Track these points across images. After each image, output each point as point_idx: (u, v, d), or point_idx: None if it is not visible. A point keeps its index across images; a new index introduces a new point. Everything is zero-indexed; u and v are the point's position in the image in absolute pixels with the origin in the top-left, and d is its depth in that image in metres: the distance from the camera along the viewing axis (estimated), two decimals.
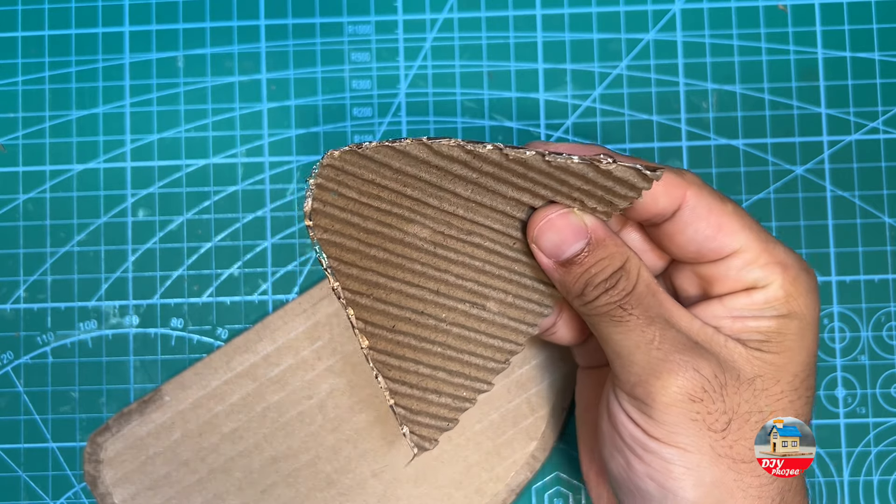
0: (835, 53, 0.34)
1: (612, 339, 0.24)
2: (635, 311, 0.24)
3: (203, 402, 0.32)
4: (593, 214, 0.24)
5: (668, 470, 0.23)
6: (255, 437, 0.32)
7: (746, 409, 0.23)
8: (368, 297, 0.24)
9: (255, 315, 0.33)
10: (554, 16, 0.34)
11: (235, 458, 0.32)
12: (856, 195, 0.33)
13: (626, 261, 0.24)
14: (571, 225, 0.24)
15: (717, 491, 0.23)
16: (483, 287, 0.25)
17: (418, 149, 0.23)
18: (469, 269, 0.24)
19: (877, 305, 0.33)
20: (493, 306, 0.25)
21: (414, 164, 0.23)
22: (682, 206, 0.24)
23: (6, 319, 0.34)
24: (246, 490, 0.31)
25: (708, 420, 0.23)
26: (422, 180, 0.23)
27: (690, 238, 0.24)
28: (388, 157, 0.23)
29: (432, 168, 0.23)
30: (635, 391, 0.24)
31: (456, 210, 0.24)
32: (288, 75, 0.34)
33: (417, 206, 0.24)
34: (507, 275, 0.25)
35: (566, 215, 0.24)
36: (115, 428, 0.32)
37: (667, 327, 0.24)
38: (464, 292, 0.25)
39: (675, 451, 0.23)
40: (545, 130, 0.34)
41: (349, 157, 0.23)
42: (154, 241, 0.34)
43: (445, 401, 0.25)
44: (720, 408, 0.23)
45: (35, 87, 0.34)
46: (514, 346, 0.25)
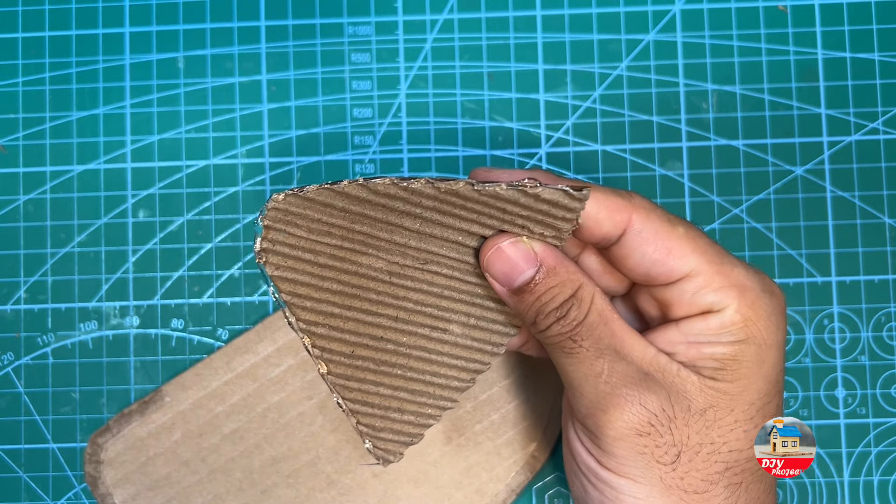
0: (835, 54, 0.34)
1: (563, 369, 0.24)
2: (585, 342, 0.23)
3: (203, 403, 0.32)
4: (543, 241, 0.24)
5: (619, 499, 0.24)
6: (256, 438, 0.32)
7: (697, 441, 0.23)
8: (324, 327, 0.24)
9: (256, 316, 0.33)
10: (554, 16, 0.34)
11: (236, 458, 0.32)
12: (856, 196, 0.33)
13: (577, 288, 0.24)
14: (521, 253, 0.23)
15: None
16: (444, 311, 0.25)
17: (357, 189, 0.23)
18: (428, 296, 0.25)
19: (877, 306, 0.33)
20: (457, 329, 0.25)
21: (357, 202, 0.23)
22: (627, 229, 0.24)
23: (7, 320, 0.34)
24: (246, 490, 0.31)
25: (656, 453, 0.23)
26: (368, 216, 0.24)
27: (638, 262, 0.24)
28: (330, 199, 0.23)
29: (376, 205, 0.23)
30: (586, 422, 0.24)
31: (408, 241, 0.24)
32: (288, 76, 0.34)
33: (369, 239, 0.24)
34: (469, 298, 0.25)
35: (515, 243, 0.23)
36: (115, 429, 0.32)
37: (616, 359, 0.23)
38: (424, 317, 0.25)
39: (626, 482, 0.23)
40: (545, 131, 0.34)
41: (293, 200, 0.23)
42: (154, 241, 0.34)
43: (408, 418, 0.25)
44: (668, 441, 0.23)
45: (35, 88, 0.34)
46: (479, 366, 0.26)
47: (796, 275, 0.33)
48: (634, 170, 0.34)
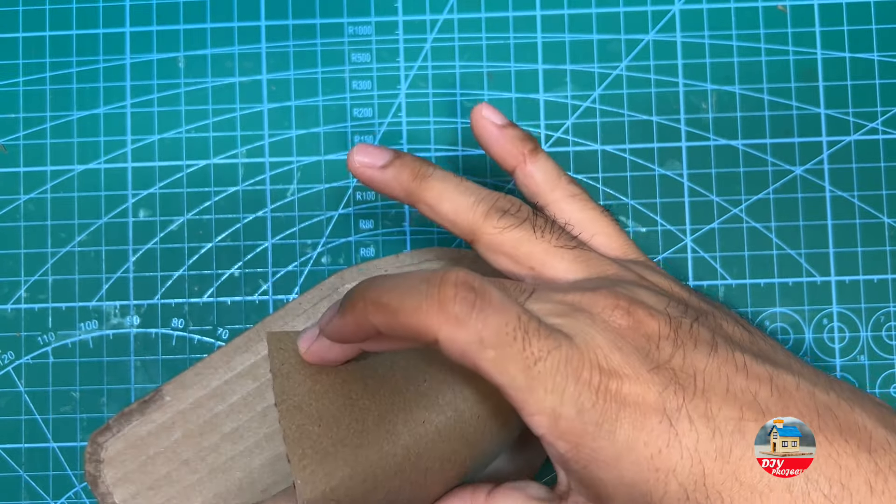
0: (834, 54, 0.34)
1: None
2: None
3: (204, 402, 0.32)
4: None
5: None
6: (256, 437, 0.32)
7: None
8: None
9: (256, 315, 0.33)
10: (554, 16, 0.34)
11: (236, 457, 0.32)
12: (855, 195, 0.33)
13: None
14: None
15: None
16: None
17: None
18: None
19: (876, 305, 0.33)
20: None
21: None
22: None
23: (7, 319, 0.34)
24: (246, 490, 0.31)
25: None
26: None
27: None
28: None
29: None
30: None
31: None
32: (288, 76, 0.34)
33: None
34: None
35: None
36: (115, 428, 0.32)
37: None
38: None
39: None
40: (545, 131, 0.34)
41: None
42: (155, 241, 0.34)
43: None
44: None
45: (36, 87, 0.34)
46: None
47: (795, 274, 0.33)
48: (634, 169, 0.34)
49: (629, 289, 0.25)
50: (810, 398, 0.23)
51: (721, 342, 0.24)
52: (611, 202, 0.34)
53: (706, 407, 0.22)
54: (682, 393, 0.22)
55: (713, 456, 0.21)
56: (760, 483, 0.21)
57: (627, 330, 0.23)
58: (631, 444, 0.21)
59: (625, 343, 0.22)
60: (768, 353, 0.25)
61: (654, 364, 0.22)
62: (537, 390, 0.21)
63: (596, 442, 0.21)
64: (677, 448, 0.21)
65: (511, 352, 0.21)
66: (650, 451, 0.21)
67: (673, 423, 0.21)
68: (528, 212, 0.27)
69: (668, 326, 0.23)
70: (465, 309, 0.21)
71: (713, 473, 0.21)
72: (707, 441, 0.21)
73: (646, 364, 0.22)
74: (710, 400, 0.22)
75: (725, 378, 0.22)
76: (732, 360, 0.23)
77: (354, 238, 0.34)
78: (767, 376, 0.23)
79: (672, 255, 0.33)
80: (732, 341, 0.24)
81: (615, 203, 0.34)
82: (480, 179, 0.34)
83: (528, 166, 0.29)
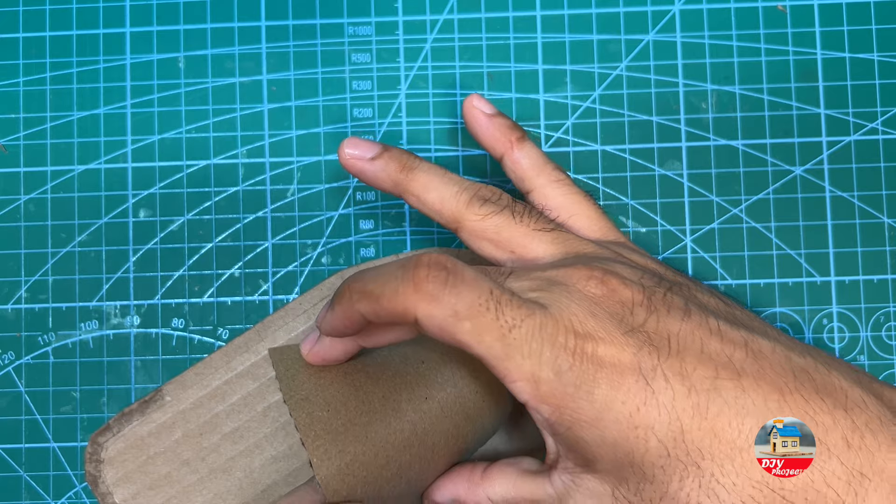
0: (834, 54, 0.34)
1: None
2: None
3: (204, 402, 0.32)
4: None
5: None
6: (256, 437, 0.32)
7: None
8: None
9: (256, 315, 0.33)
10: (554, 17, 0.34)
11: (236, 457, 0.32)
12: (855, 195, 0.33)
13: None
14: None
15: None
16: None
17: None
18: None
19: (876, 305, 0.33)
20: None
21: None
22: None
23: (8, 320, 0.34)
24: (247, 490, 0.31)
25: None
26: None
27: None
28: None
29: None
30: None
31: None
32: (288, 76, 0.34)
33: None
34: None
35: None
36: (115, 428, 0.32)
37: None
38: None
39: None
40: (545, 131, 0.34)
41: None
42: (155, 241, 0.34)
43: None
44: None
45: (36, 87, 0.35)
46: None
47: (795, 274, 0.33)
48: (634, 170, 0.34)
49: (605, 263, 0.26)
50: (786, 361, 0.23)
51: (695, 308, 0.24)
52: (611, 202, 0.34)
53: (681, 366, 0.22)
54: (657, 353, 0.23)
55: (690, 413, 0.22)
56: (739, 438, 0.22)
57: (602, 298, 0.24)
58: (609, 403, 0.22)
59: (599, 309, 0.23)
60: (744, 320, 0.25)
61: (629, 328, 0.23)
62: (515, 357, 0.22)
63: (576, 402, 0.22)
64: (654, 405, 0.22)
65: (485, 321, 0.22)
66: (628, 409, 0.22)
67: (649, 382, 0.22)
68: (507, 199, 0.28)
69: (642, 294, 0.24)
70: (438, 286, 0.22)
71: (691, 430, 0.22)
72: (683, 398, 0.22)
73: (620, 328, 0.23)
74: (684, 360, 0.23)
75: (700, 341, 0.23)
76: (706, 324, 0.24)
77: (354, 238, 0.34)
78: (742, 340, 0.24)
79: (672, 255, 0.34)
80: (707, 309, 0.25)
81: (615, 203, 0.34)
82: (481, 179, 0.34)
83: (516, 153, 0.30)
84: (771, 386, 0.23)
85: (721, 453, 0.22)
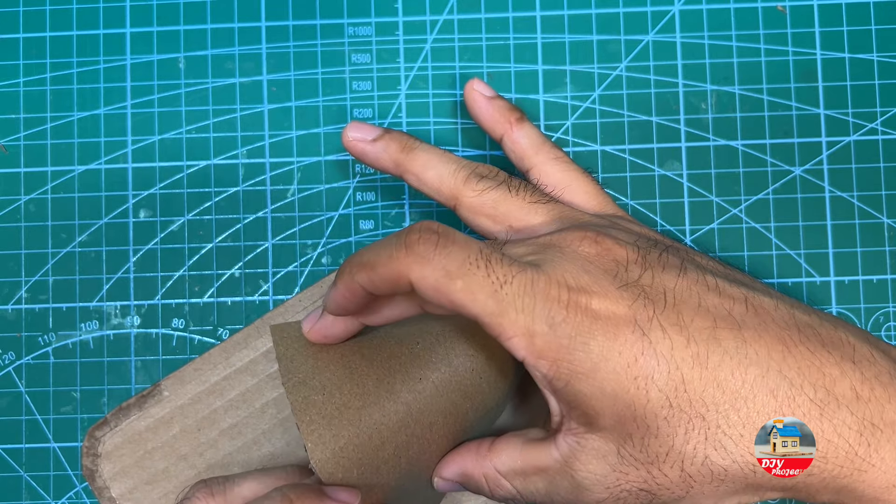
0: (833, 54, 0.34)
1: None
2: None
3: (202, 398, 0.32)
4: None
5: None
6: (254, 433, 0.32)
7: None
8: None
9: (256, 315, 0.34)
10: (553, 17, 0.34)
11: (234, 453, 0.32)
12: (854, 196, 0.33)
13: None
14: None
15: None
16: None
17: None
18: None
19: (875, 305, 0.33)
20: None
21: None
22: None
23: (8, 320, 0.34)
24: None
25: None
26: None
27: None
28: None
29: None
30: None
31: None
32: (289, 76, 0.34)
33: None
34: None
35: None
36: (113, 422, 0.32)
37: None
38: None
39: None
40: (545, 131, 0.34)
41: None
42: (155, 241, 0.34)
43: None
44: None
45: (37, 88, 0.35)
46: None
47: (795, 275, 0.33)
48: (633, 170, 0.34)
49: (599, 227, 0.26)
50: (790, 317, 0.23)
51: (690, 266, 0.24)
52: None
53: (678, 318, 0.22)
54: (653, 306, 0.22)
55: (690, 363, 0.22)
56: (743, 388, 0.22)
57: (595, 256, 0.24)
58: (606, 353, 0.22)
59: (593, 266, 0.23)
60: (745, 280, 0.25)
61: (623, 282, 0.23)
62: (508, 312, 0.22)
63: (572, 354, 0.22)
64: (652, 355, 0.22)
65: (477, 279, 0.22)
66: (625, 360, 0.22)
67: (645, 333, 0.22)
68: (504, 175, 0.29)
69: (637, 253, 0.24)
70: (429, 248, 0.22)
71: (693, 380, 0.22)
72: (682, 348, 0.22)
73: (614, 283, 0.23)
74: (681, 312, 0.22)
75: (697, 295, 0.23)
76: (703, 281, 0.24)
77: (355, 238, 0.34)
78: (742, 296, 0.23)
79: None
80: (704, 268, 0.25)
81: None
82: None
83: (515, 133, 0.31)
84: (774, 338, 0.22)
85: (725, 403, 0.22)
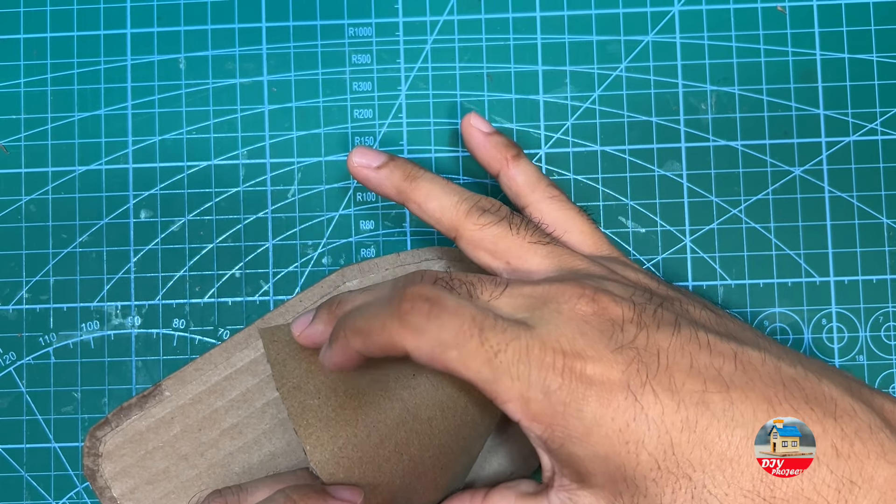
0: (833, 55, 0.34)
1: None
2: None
3: (203, 398, 0.32)
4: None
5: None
6: (255, 433, 0.32)
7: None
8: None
9: (257, 316, 0.34)
10: (553, 18, 0.34)
11: (235, 453, 0.32)
12: (854, 196, 0.33)
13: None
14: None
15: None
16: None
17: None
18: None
19: (875, 306, 0.33)
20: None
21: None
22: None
23: (9, 320, 0.34)
24: None
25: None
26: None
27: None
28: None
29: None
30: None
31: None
32: (289, 77, 0.34)
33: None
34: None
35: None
36: (114, 422, 0.32)
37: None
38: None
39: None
40: (545, 132, 0.34)
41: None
42: (156, 241, 0.34)
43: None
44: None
45: (37, 88, 0.35)
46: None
47: (795, 275, 0.33)
48: (633, 170, 0.34)
49: (596, 280, 0.26)
50: (776, 372, 0.24)
51: (684, 323, 0.24)
52: (610, 203, 0.34)
53: (670, 381, 0.23)
54: (646, 370, 0.23)
55: (679, 427, 0.22)
56: (729, 450, 0.22)
57: (592, 316, 0.24)
58: (599, 419, 0.22)
59: (589, 328, 0.24)
60: (735, 332, 0.26)
61: (618, 345, 0.23)
62: (503, 379, 0.23)
63: (566, 420, 0.23)
64: (644, 421, 0.22)
65: (470, 348, 0.22)
66: (618, 426, 0.22)
67: (638, 398, 0.22)
68: (506, 211, 0.29)
69: (633, 311, 0.24)
70: (422, 319, 0.23)
71: (681, 443, 0.22)
72: (672, 413, 0.22)
73: (609, 346, 0.23)
74: (673, 375, 0.23)
75: (689, 355, 0.23)
76: (696, 338, 0.24)
77: (355, 239, 0.34)
78: (732, 352, 0.24)
79: (671, 255, 0.34)
80: (697, 323, 0.25)
81: (615, 203, 0.34)
82: (480, 181, 0.34)
83: (511, 170, 0.31)
84: (760, 397, 0.23)
85: (711, 464, 0.22)
